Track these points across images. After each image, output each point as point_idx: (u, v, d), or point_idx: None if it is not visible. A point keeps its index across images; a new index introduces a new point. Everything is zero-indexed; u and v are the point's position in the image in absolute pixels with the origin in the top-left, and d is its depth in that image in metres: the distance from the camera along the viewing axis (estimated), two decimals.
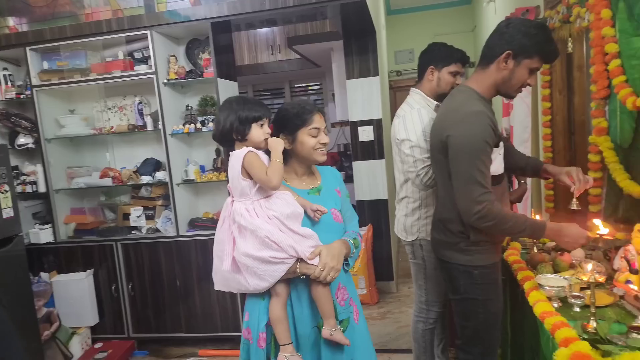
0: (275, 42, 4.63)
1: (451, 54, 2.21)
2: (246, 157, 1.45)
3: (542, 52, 1.59)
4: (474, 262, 1.71)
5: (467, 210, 1.60)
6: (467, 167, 1.57)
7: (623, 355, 1.10)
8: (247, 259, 1.42)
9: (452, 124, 1.64)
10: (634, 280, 1.48)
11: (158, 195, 3.39)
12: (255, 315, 1.54)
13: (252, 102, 1.51)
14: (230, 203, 1.51)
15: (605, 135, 2.06)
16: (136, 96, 3.36)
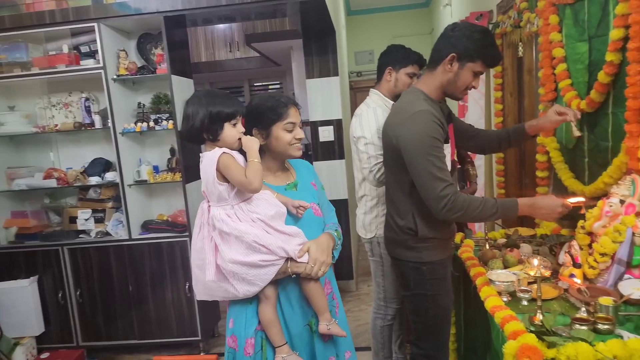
0: (233, 39, 4.54)
1: (408, 55, 2.28)
2: (221, 160, 1.35)
3: (485, 56, 1.64)
4: (423, 259, 1.76)
5: (433, 206, 1.61)
6: (423, 165, 1.60)
7: (567, 346, 1.14)
8: (234, 266, 1.35)
9: (399, 125, 1.68)
10: (577, 274, 1.54)
11: (108, 197, 3.24)
12: (241, 321, 1.47)
13: (222, 96, 1.41)
14: (207, 209, 1.42)
15: (552, 137, 2.13)
16: (83, 92, 3.20)
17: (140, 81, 3.23)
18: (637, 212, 1.46)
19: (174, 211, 3.28)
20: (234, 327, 1.49)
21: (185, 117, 1.41)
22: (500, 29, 2.82)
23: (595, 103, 1.73)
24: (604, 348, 1.11)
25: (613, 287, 1.45)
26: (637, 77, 1.46)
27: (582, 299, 1.38)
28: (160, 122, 3.11)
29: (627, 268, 1.46)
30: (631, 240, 1.44)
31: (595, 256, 1.52)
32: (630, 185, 1.52)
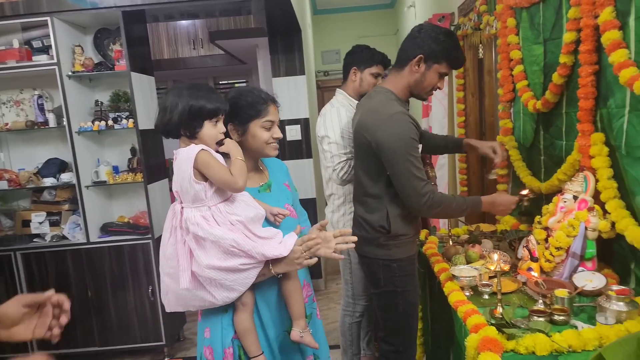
0: (197, 36, 4.45)
1: (373, 56, 2.31)
2: (199, 157, 1.25)
3: (450, 58, 1.71)
4: (393, 256, 1.79)
5: (415, 204, 1.68)
6: (404, 166, 1.65)
7: (525, 338, 1.18)
8: (212, 272, 1.25)
9: (377, 127, 1.70)
10: (534, 267, 1.60)
11: (64, 199, 3.11)
12: (218, 330, 1.38)
13: (206, 90, 1.30)
14: (180, 211, 1.29)
15: (511, 135, 2.21)
16: (35, 89, 3.06)
17: (97, 78, 3.11)
18: (590, 207, 1.52)
19: (136, 213, 3.19)
20: (210, 338, 1.39)
21: (162, 109, 1.29)
22: (461, 30, 2.89)
23: (549, 103, 1.80)
24: (559, 338, 1.16)
25: (568, 280, 1.51)
26: (588, 79, 1.53)
27: (539, 291, 1.44)
28: (120, 121, 3.01)
29: (580, 261, 1.52)
30: (584, 235, 1.51)
31: (551, 250, 1.58)
32: (583, 181, 1.59)
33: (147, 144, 2.99)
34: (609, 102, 1.48)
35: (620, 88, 1.40)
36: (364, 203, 1.85)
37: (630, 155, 1.40)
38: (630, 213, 1.41)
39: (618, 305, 1.24)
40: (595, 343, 1.14)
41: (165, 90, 1.34)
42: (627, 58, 1.32)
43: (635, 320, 1.20)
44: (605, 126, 1.51)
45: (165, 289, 1.35)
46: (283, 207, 1.45)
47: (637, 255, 1.40)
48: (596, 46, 1.49)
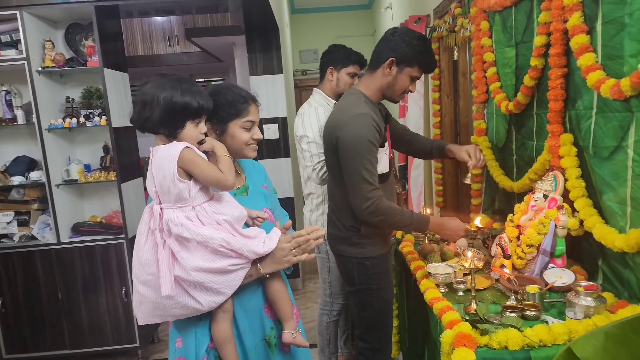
0: (173, 33, 4.38)
1: (349, 55, 2.32)
2: (184, 155, 1.16)
3: (422, 62, 1.73)
4: (366, 254, 1.81)
5: (358, 206, 1.69)
6: (355, 166, 1.65)
7: (498, 333, 1.21)
8: (199, 275, 1.17)
9: (340, 125, 1.71)
10: (507, 264, 1.64)
11: (33, 198, 3.01)
12: (191, 340, 1.29)
13: (190, 86, 1.21)
14: (160, 212, 1.20)
15: (484, 136, 2.26)
16: (3, 85, 2.95)
17: (68, 74, 3.03)
18: (559, 205, 1.57)
19: (109, 212, 3.12)
20: (183, 348, 1.30)
21: (141, 103, 1.18)
22: (436, 32, 2.93)
23: (521, 105, 1.85)
24: (531, 333, 1.19)
25: (539, 276, 1.56)
26: (557, 81, 1.58)
27: (511, 287, 1.47)
28: (92, 118, 2.94)
29: (550, 258, 1.57)
30: (554, 232, 1.56)
31: (523, 247, 1.62)
32: (553, 181, 1.64)
33: (121, 141, 2.93)
34: (577, 104, 1.53)
35: (587, 90, 1.45)
36: (335, 202, 1.88)
37: (597, 155, 1.45)
38: (598, 211, 1.46)
39: (586, 300, 1.28)
40: (565, 337, 1.18)
41: (144, 81, 1.22)
42: (595, 62, 1.37)
43: (602, 314, 1.25)
44: (574, 127, 1.56)
45: (139, 299, 1.24)
46: (261, 210, 1.40)
47: (604, 252, 1.45)
48: (565, 50, 1.54)
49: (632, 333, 0.95)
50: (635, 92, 1.22)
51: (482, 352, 1.18)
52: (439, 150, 2.08)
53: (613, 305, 1.31)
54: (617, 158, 1.36)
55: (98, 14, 2.74)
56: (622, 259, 1.37)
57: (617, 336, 0.95)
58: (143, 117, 1.18)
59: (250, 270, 1.26)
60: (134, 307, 1.28)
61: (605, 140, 1.40)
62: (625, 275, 1.36)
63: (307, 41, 6.55)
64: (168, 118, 1.18)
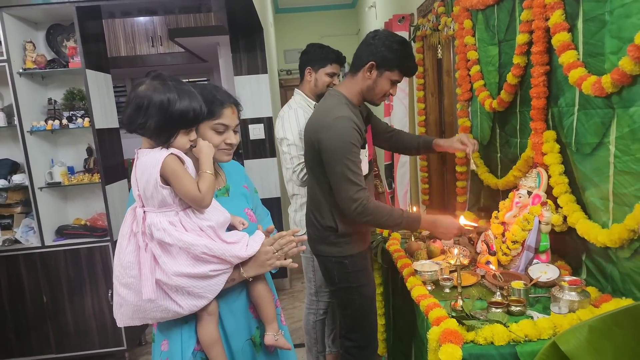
0: (156, 34, 4.34)
1: (327, 55, 2.31)
2: (167, 164, 1.14)
3: (402, 67, 1.73)
4: (344, 253, 1.83)
5: (346, 208, 1.69)
6: (339, 169, 1.66)
7: (484, 329, 1.22)
8: (180, 279, 1.16)
9: (321, 128, 1.72)
10: (492, 261, 1.65)
11: (16, 201, 2.97)
12: (177, 343, 1.27)
13: (186, 88, 1.18)
14: (142, 215, 1.19)
15: (469, 134, 2.27)
16: None
17: (50, 75, 2.98)
18: (543, 202, 1.59)
19: (93, 215, 3.08)
20: (169, 351, 1.28)
21: (135, 107, 1.14)
22: (420, 31, 2.95)
23: (504, 102, 1.86)
24: (516, 328, 1.20)
25: (524, 272, 1.58)
26: (540, 79, 1.59)
27: (496, 284, 1.49)
28: (75, 120, 2.90)
29: (535, 254, 1.59)
30: (538, 228, 1.57)
31: (508, 244, 1.64)
32: (536, 177, 1.66)
33: (104, 143, 2.89)
34: (560, 101, 1.55)
35: (570, 88, 1.47)
36: (313, 203, 1.88)
37: (579, 151, 1.47)
38: (581, 207, 1.48)
39: (570, 295, 1.30)
40: (550, 332, 1.20)
41: (139, 80, 1.18)
42: (576, 59, 1.39)
43: (586, 309, 1.27)
44: (557, 124, 1.58)
45: (119, 301, 1.23)
46: (242, 211, 1.39)
47: (587, 247, 1.47)
48: (547, 47, 1.55)
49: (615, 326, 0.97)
50: (616, 89, 1.24)
51: (468, 348, 1.19)
52: (425, 145, 2.06)
53: (597, 300, 1.33)
54: (599, 154, 1.38)
55: (79, 14, 2.71)
56: (605, 254, 1.39)
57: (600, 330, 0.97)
58: (135, 122, 1.15)
59: (232, 275, 1.26)
60: (114, 309, 1.26)
61: (588, 137, 1.42)
62: (608, 270, 1.39)
63: (291, 40, 6.54)
64: (164, 128, 1.15)
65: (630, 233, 1.23)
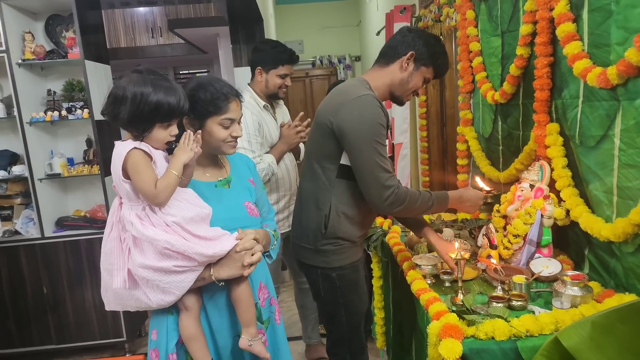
0: (155, 25, 4.31)
1: (278, 56, 2.22)
2: (128, 157, 1.15)
3: (436, 63, 1.62)
4: (332, 264, 1.65)
5: (376, 198, 1.51)
6: (368, 154, 1.48)
7: (484, 323, 1.20)
8: (146, 272, 1.18)
9: (340, 107, 1.54)
10: (493, 255, 1.63)
11: (16, 192, 2.95)
12: (163, 333, 1.30)
13: (165, 82, 1.18)
14: (119, 206, 1.23)
15: (470, 126, 2.25)
16: None
17: (49, 66, 2.96)
18: (545, 195, 1.57)
19: (93, 206, 3.07)
20: (157, 340, 1.31)
21: (113, 97, 1.17)
22: (422, 22, 2.92)
23: (507, 94, 1.84)
24: (517, 323, 1.19)
25: (525, 266, 1.56)
26: (544, 70, 1.57)
27: (498, 278, 1.48)
28: (74, 111, 2.88)
29: (537, 248, 1.58)
30: (540, 222, 1.56)
31: (509, 237, 1.62)
32: (539, 170, 1.64)
33: (104, 135, 2.88)
34: (564, 93, 1.53)
35: (574, 79, 1.45)
36: (305, 200, 1.69)
37: (583, 144, 1.45)
38: (584, 201, 1.46)
39: (573, 290, 1.29)
40: (552, 327, 1.18)
41: (120, 74, 1.20)
42: (581, 50, 1.37)
43: (589, 304, 1.25)
44: (560, 116, 1.56)
45: (104, 285, 1.28)
46: (242, 204, 1.38)
47: (590, 242, 1.46)
48: (551, 38, 1.53)
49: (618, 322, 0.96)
50: (621, 81, 1.22)
51: (469, 342, 1.18)
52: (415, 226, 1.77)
53: (600, 295, 1.32)
54: (603, 147, 1.36)
55: (78, 5, 2.68)
56: (608, 249, 1.37)
57: (603, 325, 0.96)
58: (112, 112, 1.18)
59: (202, 274, 1.24)
60: (101, 292, 1.30)
61: (592, 129, 1.40)
62: (611, 265, 1.37)
63: (291, 32, 6.49)
64: (136, 119, 1.16)
65: (635, 227, 1.21)
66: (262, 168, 2.12)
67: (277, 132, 2.30)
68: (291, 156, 2.39)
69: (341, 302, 1.68)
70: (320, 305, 1.81)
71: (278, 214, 2.31)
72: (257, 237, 1.31)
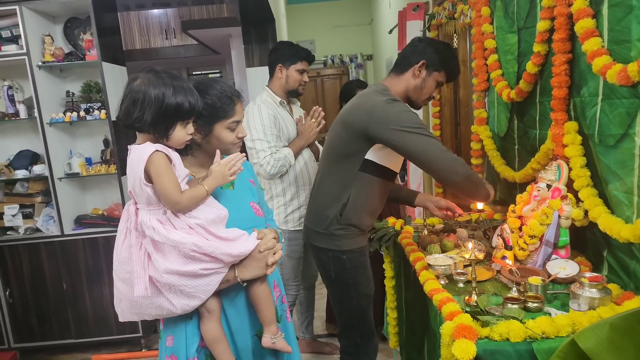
0: (169, 26, 4.36)
1: (297, 52, 2.37)
2: (151, 161, 1.13)
3: (448, 67, 1.78)
4: (342, 247, 1.78)
5: (453, 174, 1.58)
6: (425, 141, 1.59)
7: (499, 325, 1.19)
8: (170, 277, 1.15)
9: (373, 108, 1.65)
10: (508, 255, 1.61)
11: (37, 191, 3.03)
12: (181, 339, 1.27)
13: (180, 81, 1.17)
14: (135, 212, 1.19)
15: (485, 125, 2.22)
16: (5, 80, 2.95)
17: (68, 68, 3.02)
18: (563, 195, 1.55)
19: (110, 205, 3.13)
20: (173, 346, 1.28)
21: (130, 101, 1.14)
22: (435, 20, 2.89)
23: (523, 92, 1.81)
24: (533, 325, 1.17)
25: (542, 268, 1.54)
26: (562, 67, 1.54)
27: (513, 279, 1.46)
28: (92, 112, 2.94)
29: (554, 249, 1.55)
30: (557, 223, 1.53)
31: (525, 238, 1.60)
32: (556, 170, 1.61)
33: (120, 135, 2.93)
34: (582, 91, 1.50)
35: (593, 76, 1.42)
36: (322, 196, 1.82)
37: (603, 143, 1.42)
38: (603, 201, 1.43)
39: (591, 292, 1.26)
40: (569, 329, 1.16)
41: (133, 76, 1.18)
42: (600, 46, 1.33)
43: (607, 306, 1.22)
44: (579, 115, 1.53)
45: (118, 295, 1.24)
46: (248, 204, 1.38)
47: (609, 243, 1.43)
48: (570, 35, 1.50)
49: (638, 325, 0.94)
50: None
51: (483, 343, 1.16)
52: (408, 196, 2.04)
53: (618, 297, 1.29)
54: (623, 146, 1.32)
55: (95, 7, 2.73)
56: (628, 250, 1.34)
57: (622, 328, 0.94)
58: (132, 116, 1.14)
59: (227, 276, 1.23)
60: (114, 303, 1.27)
61: (612, 128, 1.37)
62: (631, 267, 1.34)
63: (303, 32, 6.49)
64: (160, 120, 1.14)
65: None
66: (278, 158, 2.21)
67: (294, 128, 2.39)
68: (309, 152, 2.44)
69: (351, 283, 1.81)
70: (330, 286, 1.90)
71: (300, 208, 2.39)
72: (276, 236, 1.32)
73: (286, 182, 2.36)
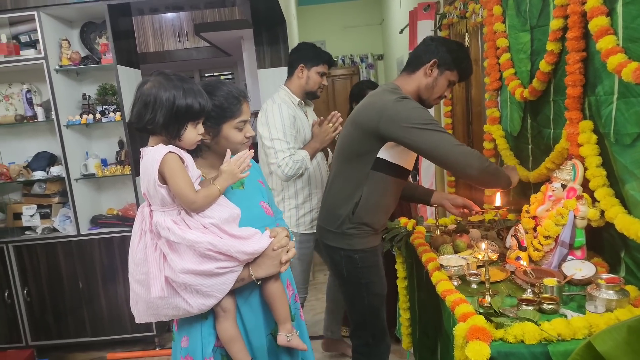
0: (182, 29, 4.42)
1: (319, 54, 2.37)
2: (165, 162, 1.14)
3: (460, 67, 1.77)
4: (355, 246, 1.78)
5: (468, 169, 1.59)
6: (435, 137, 1.59)
7: (514, 326, 1.17)
8: (187, 277, 1.16)
9: (384, 107, 1.66)
10: (523, 256, 1.59)
11: (54, 191, 3.10)
12: (197, 339, 1.28)
13: (190, 83, 1.19)
14: (149, 214, 1.21)
15: (498, 124, 2.20)
16: (24, 84, 3.03)
17: (84, 72, 3.09)
18: (578, 195, 1.52)
19: (125, 205, 3.18)
20: (189, 347, 1.29)
21: (142, 104, 1.16)
22: (447, 19, 2.87)
23: (537, 91, 1.79)
24: (549, 327, 1.16)
25: (557, 269, 1.52)
26: (576, 66, 1.52)
27: (527, 280, 1.44)
28: (107, 114, 2.99)
29: (569, 250, 1.53)
30: (573, 223, 1.51)
31: (540, 239, 1.58)
32: (571, 170, 1.59)
33: (135, 136, 2.97)
34: (597, 90, 1.48)
35: (608, 75, 1.40)
36: (335, 195, 1.83)
37: (619, 142, 1.40)
38: (620, 201, 1.41)
39: (608, 293, 1.24)
40: (585, 332, 1.15)
41: (143, 80, 1.20)
42: (615, 44, 1.32)
43: (625, 308, 1.20)
44: (594, 114, 1.51)
45: (135, 297, 1.26)
46: (258, 204, 1.39)
47: (626, 244, 1.41)
48: (584, 33, 1.48)
49: None
50: None
51: (497, 345, 1.15)
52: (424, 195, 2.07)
53: (636, 299, 1.27)
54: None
55: (111, 12, 2.79)
56: None
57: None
58: (144, 119, 1.16)
59: (242, 274, 1.24)
60: (131, 305, 1.28)
61: (628, 127, 1.35)
62: None
63: (314, 33, 6.50)
64: (172, 121, 1.16)
65: None
66: (297, 160, 2.18)
67: (309, 130, 2.38)
68: (321, 154, 2.45)
69: (363, 283, 1.81)
70: (342, 285, 1.90)
71: (312, 211, 2.39)
72: (288, 235, 1.33)
73: (299, 185, 2.35)
